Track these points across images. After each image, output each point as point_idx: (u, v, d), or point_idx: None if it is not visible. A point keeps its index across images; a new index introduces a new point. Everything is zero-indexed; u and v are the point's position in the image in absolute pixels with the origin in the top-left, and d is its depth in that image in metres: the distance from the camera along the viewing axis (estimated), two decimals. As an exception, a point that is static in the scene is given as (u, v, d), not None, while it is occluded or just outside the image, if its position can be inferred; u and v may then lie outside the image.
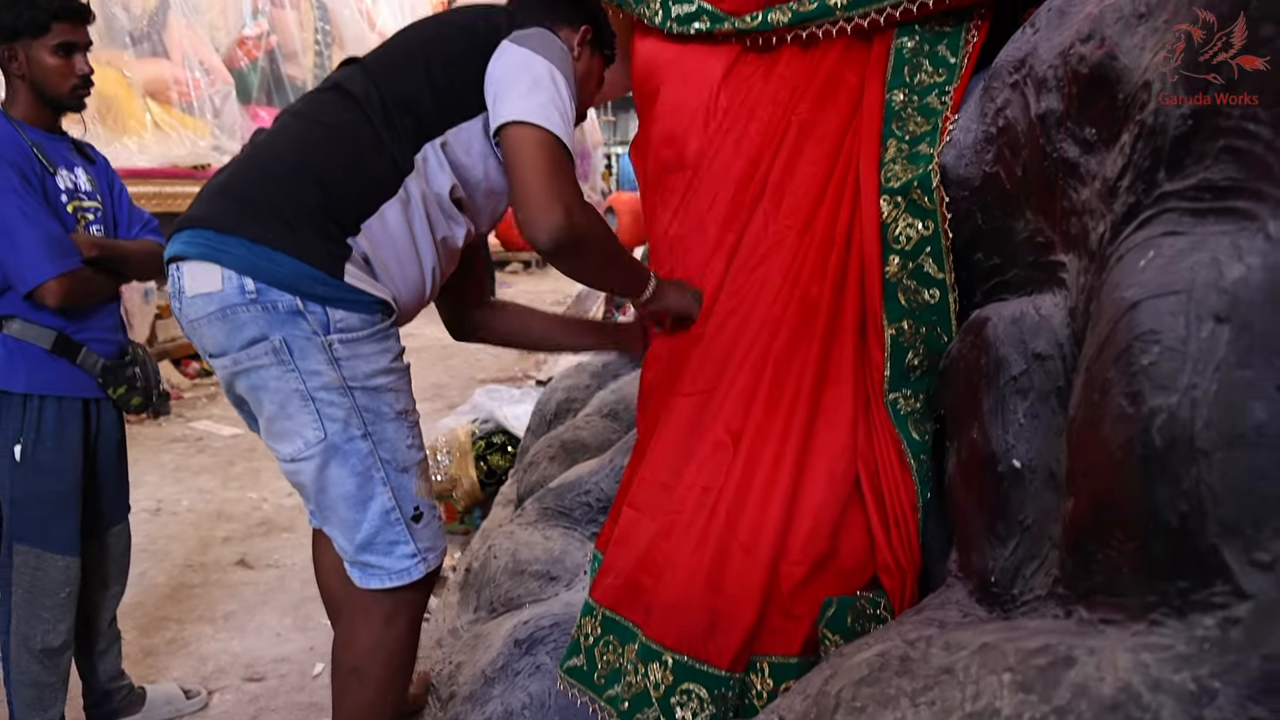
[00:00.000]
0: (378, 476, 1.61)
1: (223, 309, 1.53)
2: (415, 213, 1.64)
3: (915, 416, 1.60)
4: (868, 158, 1.65)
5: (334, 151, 1.60)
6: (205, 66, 6.79)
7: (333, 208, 1.55)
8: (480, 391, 4.08)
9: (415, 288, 1.69)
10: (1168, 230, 0.96)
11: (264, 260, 1.50)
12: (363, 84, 1.65)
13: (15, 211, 2.02)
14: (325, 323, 1.53)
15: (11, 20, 2.08)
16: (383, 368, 1.60)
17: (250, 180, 1.58)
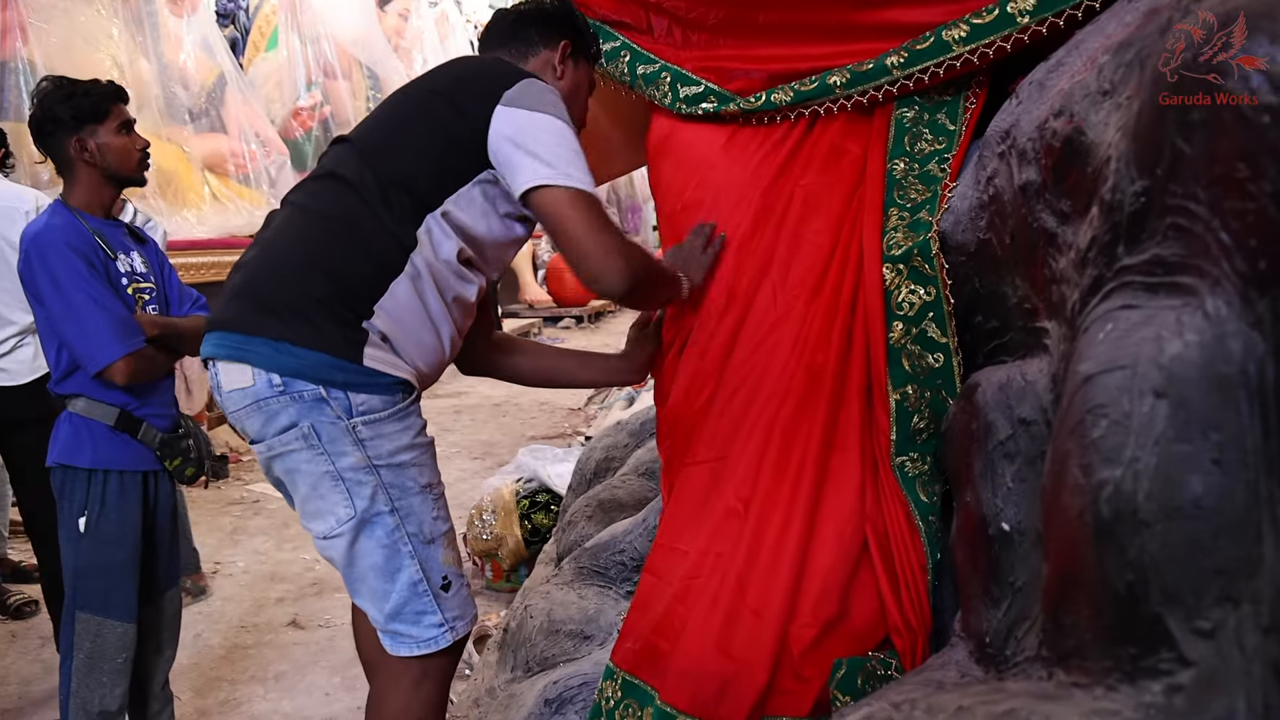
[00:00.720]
0: (405, 550, 1.68)
1: (256, 401, 1.63)
2: (425, 284, 1.69)
3: (923, 479, 1.63)
4: (870, 226, 1.71)
5: (337, 241, 1.68)
6: (261, 139, 7.04)
7: (344, 295, 1.63)
8: (524, 451, 4.17)
9: (434, 354, 1.76)
10: (1125, 303, 1.00)
11: (287, 356, 1.60)
12: (356, 168, 1.71)
13: (84, 297, 2.15)
14: (348, 407, 1.62)
15: (72, 112, 2.23)
16: (405, 444, 1.68)
17: (263, 280, 1.67)
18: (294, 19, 8.35)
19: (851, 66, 1.78)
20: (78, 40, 5.69)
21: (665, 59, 2.00)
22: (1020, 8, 1.62)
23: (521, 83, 1.71)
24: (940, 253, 1.60)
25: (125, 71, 5.96)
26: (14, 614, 3.55)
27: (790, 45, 1.86)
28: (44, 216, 2.26)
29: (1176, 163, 0.94)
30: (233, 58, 7.33)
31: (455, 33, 10.60)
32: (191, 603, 3.72)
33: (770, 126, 1.91)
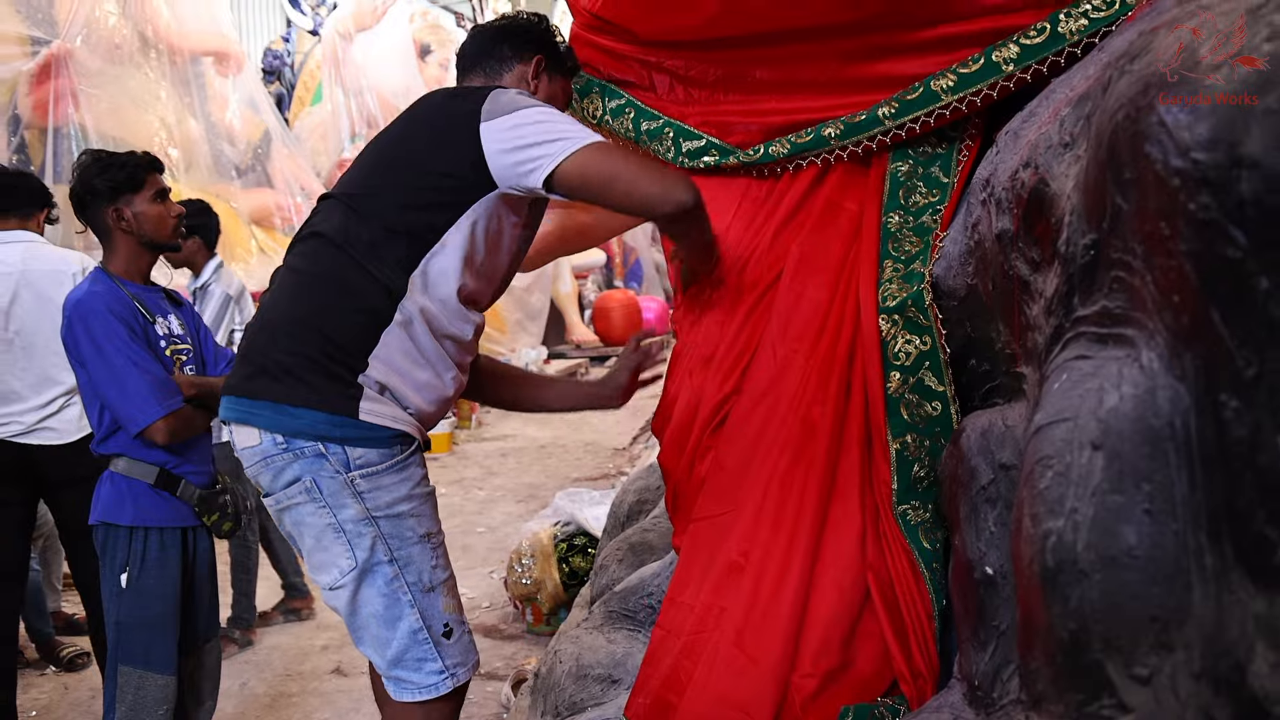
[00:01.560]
0: (404, 599, 1.73)
1: (264, 459, 1.71)
2: (417, 329, 1.73)
3: (925, 526, 1.65)
4: (866, 279, 1.75)
5: (325, 299, 1.73)
6: (306, 191, 7.25)
7: (336, 351, 1.69)
8: (561, 494, 4.21)
9: (436, 393, 1.79)
10: (1079, 354, 1.03)
11: (286, 417, 1.68)
12: (341, 223, 1.75)
13: (124, 360, 2.25)
14: (345, 461, 1.68)
15: (109, 183, 2.33)
16: (403, 495, 1.73)
17: (261, 345, 1.75)
18: (337, 73, 8.60)
19: (845, 118, 1.83)
20: (127, 103, 5.92)
21: (668, 114, 2.06)
22: (1005, 56, 1.66)
23: (488, 97, 1.73)
24: (934, 302, 1.63)
25: (173, 131, 6.19)
26: (66, 666, 3.65)
27: (787, 99, 1.91)
28: (85, 283, 2.37)
29: (1117, 218, 0.97)
30: (278, 114, 7.57)
31: (495, 81, 10.81)
32: (238, 652, 3.81)
33: (769, 182, 1.95)
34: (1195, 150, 0.78)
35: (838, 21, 1.75)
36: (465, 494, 6.11)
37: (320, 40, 8.60)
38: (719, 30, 1.87)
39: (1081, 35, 1.59)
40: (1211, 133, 0.77)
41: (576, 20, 2.15)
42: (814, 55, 1.83)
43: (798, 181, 1.92)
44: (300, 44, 8.83)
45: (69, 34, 5.50)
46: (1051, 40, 1.62)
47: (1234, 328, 0.76)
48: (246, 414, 1.72)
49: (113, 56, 5.86)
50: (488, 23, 2.05)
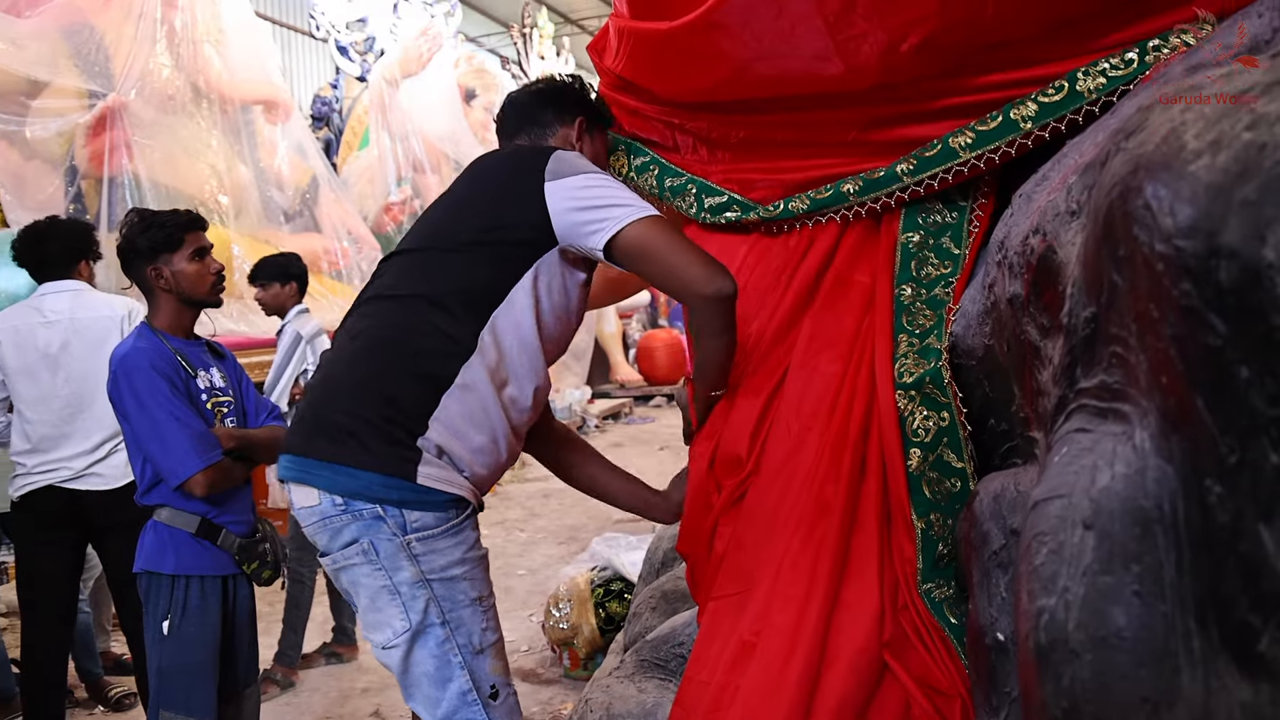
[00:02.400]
0: (455, 660, 1.76)
1: (322, 519, 1.75)
2: (478, 393, 1.76)
3: (950, 602, 1.65)
4: (882, 354, 1.75)
5: (387, 362, 1.77)
6: (353, 236, 7.39)
7: (397, 415, 1.73)
8: (598, 540, 4.23)
9: (491, 458, 1.82)
10: (1080, 427, 1.04)
11: (344, 478, 1.72)
12: (407, 284, 1.81)
13: (166, 415, 2.32)
14: (403, 524, 1.72)
15: (149, 243, 2.42)
16: (457, 559, 1.77)
17: (322, 406, 1.79)
18: (384, 118, 8.77)
19: (864, 174, 1.85)
20: (179, 152, 6.09)
21: (692, 172, 2.10)
22: (1023, 114, 1.68)
23: (551, 158, 1.81)
24: (953, 380, 1.64)
25: (224, 179, 6.35)
26: (114, 706, 3.73)
27: (807, 159, 1.94)
28: (130, 339, 2.44)
29: (1113, 294, 0.98)
30: (325, 159, 7.73)
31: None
32: (279, 694, 3.85)
33: (783, 254, 1.96)
34: (1176, 237, 0.79)
35: (847, 91, 1.77)
36: (507, 535, 6.15)
37: (368, 86, 8.78)
38: (734, 94, 1.90)
39: (1100, 93, 1.60)
40: (1191, 221, 0.78)
41: (602, 80, 2.20)
42: (832, 120, 1.86)
43: (809, 258, 1.93)
44: (349, 90, 9.03)
45: (124, 87, 5.69)
46: (1070, 98, 1.63)
47: (1217, 415, 0.77)
48: (304, 474, 1.76)
49: (166, 107, 6.04)
50: (525, 88, 2.10)
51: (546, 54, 12.33)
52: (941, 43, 1.67)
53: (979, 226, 1.79)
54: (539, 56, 12.13)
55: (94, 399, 3.11)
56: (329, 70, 9.80)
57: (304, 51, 10.60)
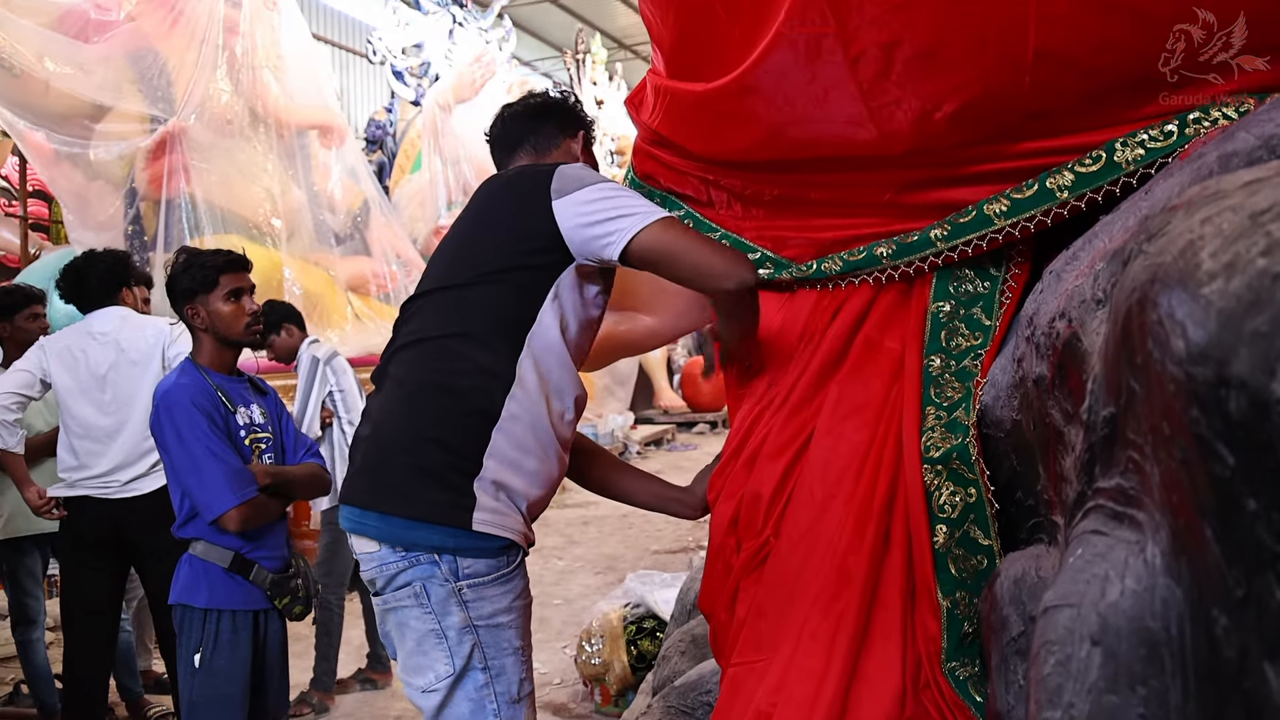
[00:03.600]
0: (490, 707, 1.78)
1: (380, 564, 1.79)
2: (524, 421, 1.79)
3: (974, 680, 1.62)
4: (909, 425, 1.73)
5: (434, 407, 1.79)
6: (402, 259, 7.49)
7: (450, 460, 1.75)
8: (633, 576, 4.23)
9: (545, 479, 1.86)
10: (1096, 528, 1.02)
11: (401, 529, 1.76)
12: (436, 326, 1.83)
13: (204, 450, 2.37)
14: (455, 570, 1.75)
15: (187, 283, 2.49)
16: (504, 607, 1.79)
17: (375, 459, 1.82)
18: (436, 143, 8.89)
19: (898, 238, 1.84)
20: (235, 175, 6.22)
21: (726, 228, 2.10)
22: (1059, 183, 1.66)
23: (554, 175, 1.83)
24: (980, 456, 1.62)
25: (278, 202, 6.47)
26: (153, 726, 3.79)
27: (841, 219, 1.93)
28: (174, 374, 2.50)
29: (1131, 399, 0.97)
30: (377, 183, 7.84)
31: (590, 148, 11.03)
32: (314, 717, 3.89)
33: (811, 315, 1.95)
34: (1187, 362, 0.78)
35: (880, 155, 1.76)
36: (544, 563, 6.17)
37: (421, 110, 8.90)
38: (767, 154, 1.90)
39: (1138, 165, 1.58)
40: (1202, 348, 0.77)
41: (639, 134, 2.22)
42: (866, 182, 1.85)
43: (840, 320, 1.91)
44: (403, 114, 9.16)
45: (185, 111, 5.83)
46: (1107, 169, 1.61)
47: (1224, 545, 0.76)
48: (360, 524, 1.81)
49: (224, 131, 6.18)
50: (520, 101, 2.13)
51: (599, 79, 12.42)
52: (977, 111, 1.66)
53: (1011, 298, 1.77)
54: (591, 82, 12.23)
55: (135, 419, 3.20)
56: (384, 93, 9.95)
57: (360, 74, 10.78)
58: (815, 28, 1.67)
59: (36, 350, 3.32)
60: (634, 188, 2.25)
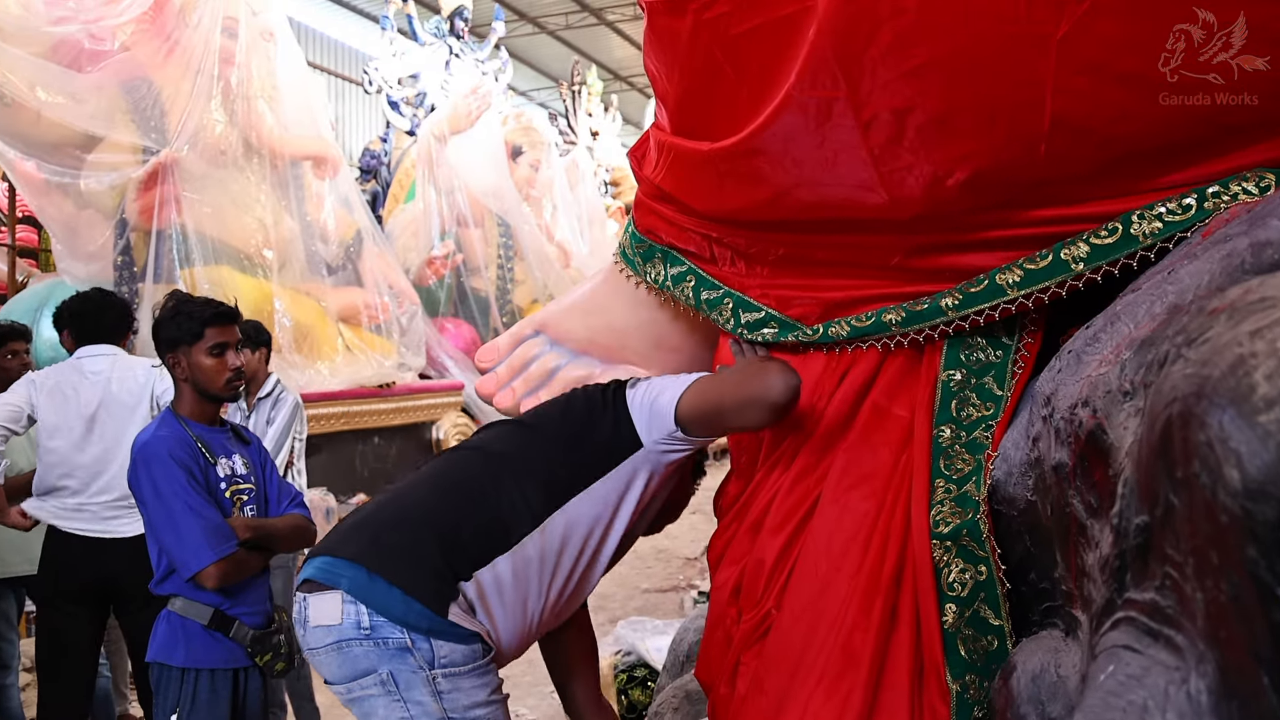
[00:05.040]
0: None
1: (339, 642, 1.70)
2: (532, 569, 1.79)
3: None
4: (919, 499, 1.68)
5: (462, 505, 1.80)
6: (394, 290, 7.41)
7: (450, 554, 1.73)
8: (624, 623, 4.15)
9: (517, 633, 1.83)
10: (1128, 643, 0.96)
11: (377, 589, 1.69)
12: (502, 444, 1.88)
13: (182, 506, 2.30)
14: (431, 658, 1.68)
15: (172, 332, 2.42)
16: (481, 700, 1.73)
17: (382, 520, 1.80)
18: (431, 173, 8.85)
19: (907, 305, 1.79)
20: (228, 205, 6.16)
21: (729, 285, 2.05)
22: (1074, 254, 1.61)
23: (627, 384, 1.98)
24: (991, 533, 1.57)
25: (271, 232, 6.41)
26: (130, 773, 3.69)
27: (848, 279, 1.88)
28: (153, 426, 2.43)
29: (1169, 514, 0.91)
30: (370, 214, 7.79)
31: (585, 180, 11.03)
32: None
33: (819, 377, 1.90)
34: (1244, 497, 0.73)
35: (890, 219, 1.72)
36: (533, 602, 6.06)
37: (416, 140, 8.88)
38: (773, 215, 1.85)
39: (1155, 239, 1.54)
40: (1260, 483, 0.71)
41: (641, 187, 2.17)
42: (874, 244, 1.80)
43: (846, 384, 1.86)
44: (397, 143, 9.13)
45: (178, 142, 5.77)
46: (1123, 241, 1.56)
47: (1285, 698, 0.70)
48: (332, 574, 1.73)
49: (217, 161, 6.12)
50: None
51: (594, 110, 12.43)
52: (990, 179, 1.62)
53: (1024, 367, 1.72)
54: (587, 113, 12.23)
55: (122, 459, 3.13)
56: (379, 122, 9.93)
57: (356, 102, 10.77)
58: (826, 91, 1.62)
59: (25, 384, 3.25)
60: (635, 241, 2.20)
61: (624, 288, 2.29)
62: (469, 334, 8.78)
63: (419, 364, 7.57)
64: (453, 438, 7.71)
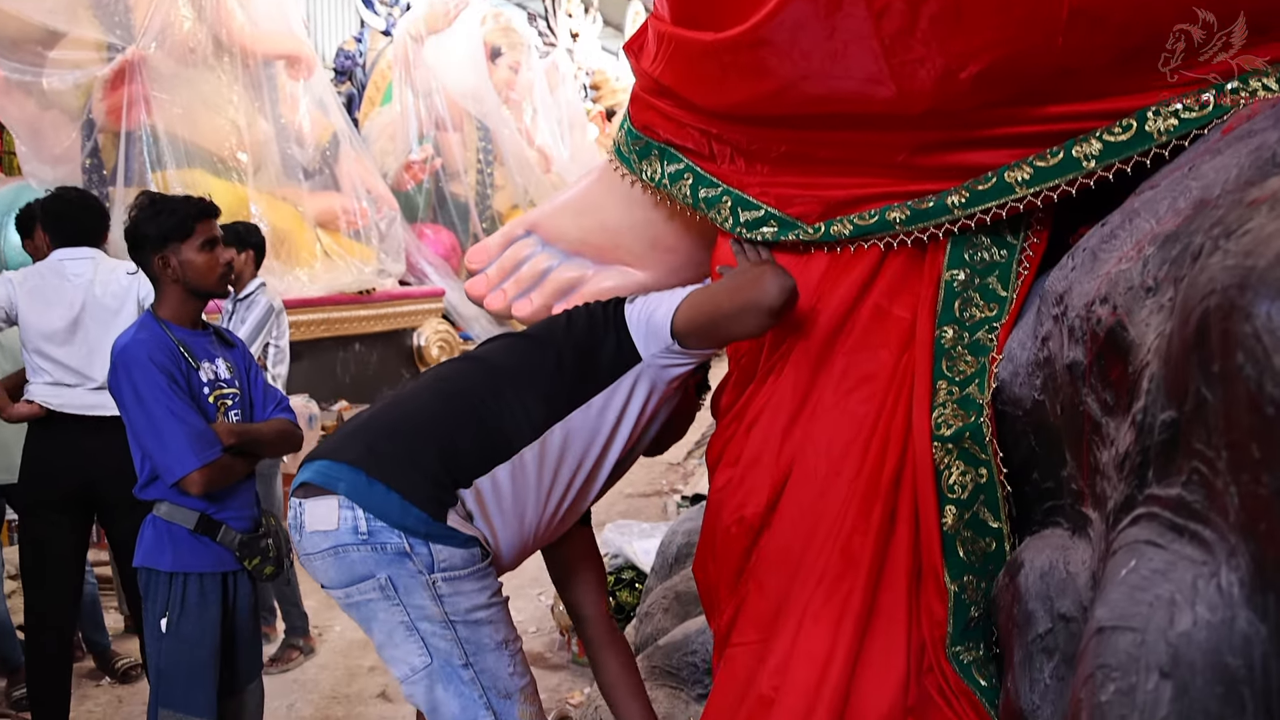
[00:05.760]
0: (480, 702, 1.72)
1: (336, 547, 1.69)
2: (529, 479, 1.79)
3: (978, 664, 1.58)
4: (920, 401, 1.66)
5: (464, 413, 1.79)
6: (373, 195, 7.28)
7: (450, 461, 1.72)
8: (610, 526, 4.18)
9: (515, 543, 1.83)
10: (1150, 539, 0.95)
11: (375, 493, 1.67)
12: (502, 357, 1.88)
13: (164, 411, 2.25)
14: (430, 562, 1.67)
15: (158, 230, 2.33)
16: (482, 603, 1.72)
17: (382, 427, 1.79)
18: (408, 74, 8.64)
19: (912, 203, 1.75)
20: (199, 106, 5.99)
21: (728, 183, 1.99)
22: (1086, 151, 1.58)
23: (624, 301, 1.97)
24: (995, 437, 1.56)
25: (244, 134, 6.25)
26: (121, 678, 3.71)
27: (850, 177, 1.83)
28: (132, 329, 2.37)
29: (1201, 408, 0.89)
30: (346, 116, 7.60)
31: (565, 83, 10.79)
32: (304, 660, 3.84)
33: (818, 278, 1.86)
34: (1293, 386, 0.71)
35: (897, 114, 1.66)
36: (517, 507, 6.10)
37: (392, 41, 8.63)
38: (777, 109, 1.79)
39: (1170, 136, 1.50)
40: (1313, 371, 0.69)
41: (638, 82, 2.09)
42: (879, 142, 1.75)
43: (845, 285, 1.83)
44: (373, 44, 8.87)
45: (144, 39, 5.57)
46: (1138, 139, 1.53)
47: (1329, 588, 0.69)
48: (330, 477, 1.71)
49: (186, 60, 5.93)
50: None
51: (574, 12, 12.11)
52: (1003, 72, 1.57)
53: (1029, 268, 1.69)
54: (567, 14, 11.91)
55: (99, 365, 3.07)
56: (354, 22, 9.63)
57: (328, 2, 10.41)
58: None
59: (4, 284, 3.15)
60: (630, 138, 2.13)
61: (618, 187, 2.23)
62: (448, 240, 8.67)
63: (399, 270, 7.48)
64: (434, 344, 7.66)
